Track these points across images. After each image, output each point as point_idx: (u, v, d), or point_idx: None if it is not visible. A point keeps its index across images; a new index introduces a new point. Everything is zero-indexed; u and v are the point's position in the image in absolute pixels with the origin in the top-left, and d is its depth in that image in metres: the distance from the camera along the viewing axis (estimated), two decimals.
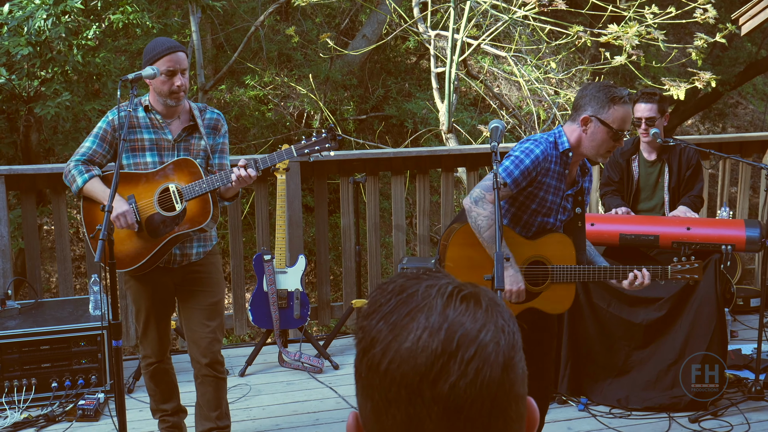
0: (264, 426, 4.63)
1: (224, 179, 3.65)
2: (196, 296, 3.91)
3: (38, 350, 4.75)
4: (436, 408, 0.96)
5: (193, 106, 3.85)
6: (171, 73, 3.66)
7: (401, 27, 9.07)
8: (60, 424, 4.59)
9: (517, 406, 1.00)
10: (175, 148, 3.78)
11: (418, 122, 11.35)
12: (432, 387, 0.95)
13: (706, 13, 6.88)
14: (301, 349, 5.46)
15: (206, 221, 3.71)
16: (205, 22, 11.08)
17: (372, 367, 1.00)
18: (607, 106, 3.42)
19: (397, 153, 6.27)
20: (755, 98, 16.40)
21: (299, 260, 5.45)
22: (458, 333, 0.97)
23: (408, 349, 0.97)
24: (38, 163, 7.86)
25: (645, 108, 4.97)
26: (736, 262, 6.39)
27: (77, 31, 7.44)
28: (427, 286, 1.03)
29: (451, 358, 0.96)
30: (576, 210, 3.64)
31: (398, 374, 0.97)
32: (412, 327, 0.98)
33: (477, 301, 1.02)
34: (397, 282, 1.05)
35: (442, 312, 0.99)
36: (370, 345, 1.01)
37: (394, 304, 1.02)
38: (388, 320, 1.00)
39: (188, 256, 3.87)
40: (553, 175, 3.53)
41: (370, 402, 1.02)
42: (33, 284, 5.32)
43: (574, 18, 8.82)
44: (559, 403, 4.80)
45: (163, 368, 4.06)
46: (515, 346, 1.01)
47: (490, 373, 0.96)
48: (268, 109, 11.66)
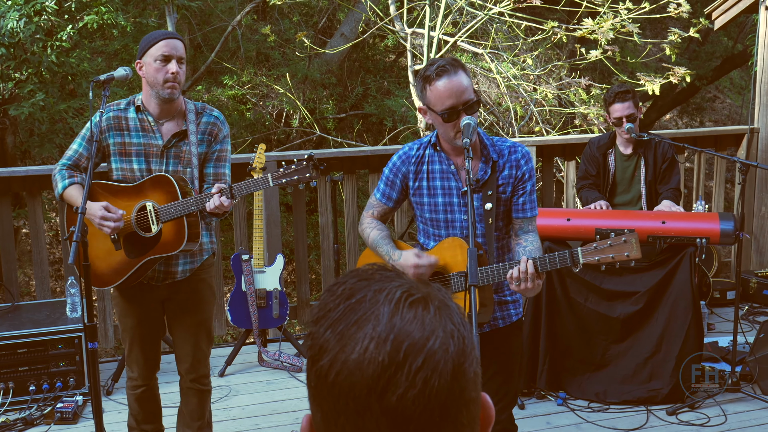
0: (244, 426, 4.62)
1: (198, 204, 3.46)
2: (182, 315, 3.75)
3: (15, 353, 4.72)
4: (385, 420, 0.94)
5: (189, 108, 3.63)
6: (166, 59, 3.44)
7: (377, 25, 9.06)
8: (38, 427, 4.56)
9: (469, 411, 0.99)
10: (164, 155, 3.57)
11: (398, 120, 11.35)
12: (380, 399, 0.94)
13: (680, 8, 6.93)
14: (281, 348, 5.45)
15: (179, 247, 3.52)
16: (182, 23, 11.03)
17: (320, 377, 0.99)
18: (424, 90, 3.07)
19: (374, 151, 6.28)
20: (732, 92, 16.52)
21: (277, 259, 5.44)
22: (405, 343, 0.95)
23: (355, 361, 0.95)
24: (14, 166, 7.82)
25: (623, 107, 5.01)
26: (712, 255, 6.44)
27: (51, 31, 7.39)
28: (376, 290, 1.01)
29: (399, 369, 0.94)
30: (486, 206, 3.17)
31: (346, 386, 0.96)
32: (359, 337, 0.96)
33: (426, 305, 1.00)
34: (347, 284, 1.03)
35: (389, 321, 0.97)
36: (318, 354, 0.99)
37: (342, 311, 1.00)
38: (335, 329, 0.99)
39: (173, 274, 3.66)
40: (434, 175, 3.21)
41: (320, 411, 1.00)
42: (9, 287, 5.29)
43: (550, 14, 8.85)
44: (537, 398, 4.82)
45: (149, 394, 3.86)
46: (465, 350, 0.99)
47: (438, 381, 0.95)
48: (246, 109, 11.62)
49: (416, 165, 3.24)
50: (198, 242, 3.61)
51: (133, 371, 3.80)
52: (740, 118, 15.91)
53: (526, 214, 3.25)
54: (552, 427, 4.52)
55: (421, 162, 3.24)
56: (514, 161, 3.20)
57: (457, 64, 3.06)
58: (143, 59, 3.50)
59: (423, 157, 3.24)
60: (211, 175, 3.66)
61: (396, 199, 3.34)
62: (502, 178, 3.20)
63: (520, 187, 3.22)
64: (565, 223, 4.86)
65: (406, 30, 8.70)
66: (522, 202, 3.23)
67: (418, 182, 3.25)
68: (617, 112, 5.02)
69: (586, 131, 9.24)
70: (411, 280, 1.04)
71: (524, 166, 3.21)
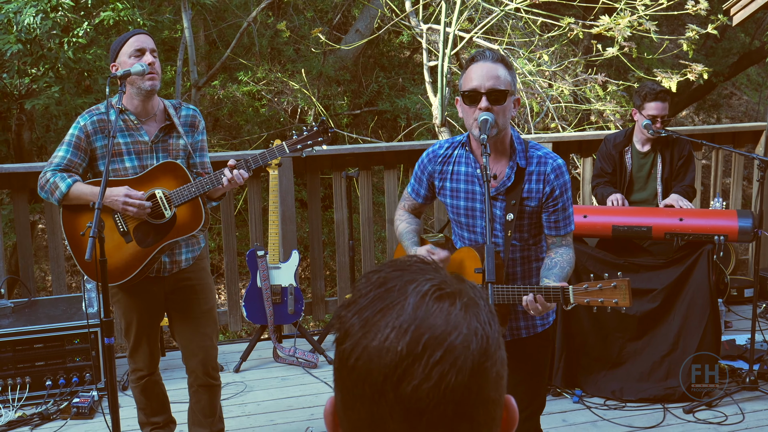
0: (259, 421, 4.63)
1: (214, 181, 3.50)
2: (190, 305, 3.77)
3: (32, 348, 4.74)
4: (398, 409, 0.95)
5: (167, 104, 3.68)
6: (140, 51, 3.49)
7: (392, 21, 9.05)
8: (54, 422, 4.58)
9: (487, 411, 0.98)
10: (153, 150, 3.60)
11: (412, 117, 11.33)
12: (395, 388, 0.95)
13: (698, 5, 6.87)
14: (296, 344, 5.45)
15: (199, 226, 3.56)
16: (197, 19, 11.06)
17: (342, 360, 1.00)
18: (462, 75, 3.05)
19: (390, 147, 6.27)
20: (749, 89, 16.41)
21: (293, 255, 5.44)
22: (426, 335, 0.95)
23: (375, 348, 0.96)
24: (31, 161, 7.85)
25: (661, 107, 5.02)
26: (730, 252, 6.40)
27: (68, 28, 7.42)
28: (407, 281, 1.01)
29: (416, 360, 0.94)
30: (507, 216, 3.02)
31: (364, 371, 0.97)
32: (381, 325, 0.97)
33: (453, 301, 0.99)
34: (383, 273, 1.04)
35: (413, 312, 0.97)
36: (342, 338, 1.01)
37: (371, 298, 1.01)
38: (361, 315, 1.00)
39: (178, 263, 3.72)
40: (459, 177, 3.12)
41: (339, 393, 1.02)
42: (26, 283, 5.31)
43: (566, 10, 8.80)
44: (553, 395, 4.80)
45: (154, 380, 3.90)
46: (488, 350, 0.98)
47: (456, 378, 0.95)
48: (261, 105, 11.64)
49: (442, 165, 3.16)
50: (208, 225, 3.67)
51: (137, 363, 3.83)
52: (757, 115, 15.81)
53: (560, 231, 3.09)
54: (568, 424, 4.50)
55: (447, 162, 3.15)
56: (542, 174, 3.02)
57: (499, 57, 2.99)
58: (117, 60, 3.54)
59: (450, 157, 3.14)
60: (198, 164, 3.74)
61: (424, 195, 3.29)
62: (527, 190, 3.03)
63: (551, 204, 3.04)
64: (581, 220, 4.83)
65: (421, 26, 8.69)
66: (554, 219, 3.07)
67: (442, 182, 3.17)
68: (654, 110, 5.00)
69: (602, 128, 9.20)
70: (446, 275, 1.04)
71: (554, 181, 3.02)
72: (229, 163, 3.51)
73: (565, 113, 9.80)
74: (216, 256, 10.10)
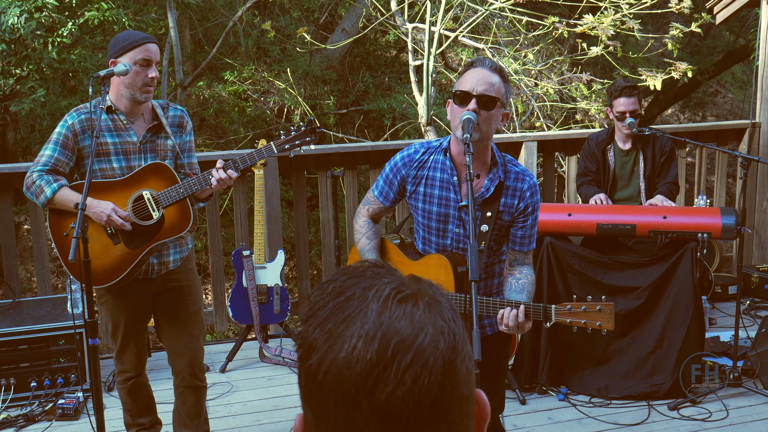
0: (245, 422, 4.62)
1: (203, 182, 3.49)
2: (177, 306, 3.76)
3: (16, 350, 4.72)
4: (375, 418, 0.93)
5: (155, 104, 3.64)
6: (146, 63, 3.45)
7: (378, 20, 9.05)
8: (39, 423, 4.56)
9: (461, 408, 0.98)
10: (141, 150, 3.57)
11: (398, 116, 11.34)
12: (369, 398, 0.93)
13: (681, 3, 6.91)
14: (282, 344, 5.45)
15: (187, 227, 3.54)
16: (182, 18, 11.02)
17: (309, 376, 0.98)
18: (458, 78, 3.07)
19: (375, 146, 6.28)
20: (734, 87, 16.49)
21: (278, 255, 5.44)
22: (394, 340, 0.94)
23: (343, 359, 0.94)
24: (15, 162, 7.82)
25: (628, 102, 5.03)
26: (714, 249, 6.44)
27: (52, 28, 7.39)
28: (365, 288, 0.99)
29: (387, 367, 0.93)
30: (482, 227, 3.05)
31: (335, 384, 0.95)
32: (347, 335, 0.95)
33: (415, 302, 0.98)
34: (337, 282, 1.02)
35: (377, 318, 0.96)
36: (307, 353, 0.99)
37: (331, 309, 0.99)
38: (324, 328, 0.98)
39: (166, 265, 3.71)
40: (434, 183, 3.13)
41: (310, 410, 1.00)
42: (11, 284, 5.29)
43: (551, 9, 8.83)
44: (539, 393, 4.82)
45: (141, 382, 3.88)
46: (456, 347, 0.97)
47: (428, 379, 0.93)
48: (247, 105, 11.61)
49: (417, 169, 3.16)
50: (196, 226, 3.65)
51: (124, 365, 3.81)
52: (742, 113, 15.88)
53: (524, 248, 3.15)
54: (554, 422, 4.52)
55: (423, 167, 3.15)
56: (519, 190, 3.09)
57: (498, 68, 3.02)
58: (120, 59, 3.47)
59: (426, 162, 3.15)
60: (185, 165, 3.72)
61: (393, 199, 3.29)
62: (504, 204, 3.09)
63: (521, 220, 3.10)
64: (566, 218, 4.85)
65: (407, 25, 8.69)
66: (521, 235, 3.12)
67: (416, 187, 3.17)
68: (622, 107, 5.03)
69: (587, 126, 9.23)
70: (402, 277, 1.03)
71: (529, 198, 3.09)
72: (217, 164, 3.49)
73: (551, 112, 9.83)
74: (202, 256, 10.08)
